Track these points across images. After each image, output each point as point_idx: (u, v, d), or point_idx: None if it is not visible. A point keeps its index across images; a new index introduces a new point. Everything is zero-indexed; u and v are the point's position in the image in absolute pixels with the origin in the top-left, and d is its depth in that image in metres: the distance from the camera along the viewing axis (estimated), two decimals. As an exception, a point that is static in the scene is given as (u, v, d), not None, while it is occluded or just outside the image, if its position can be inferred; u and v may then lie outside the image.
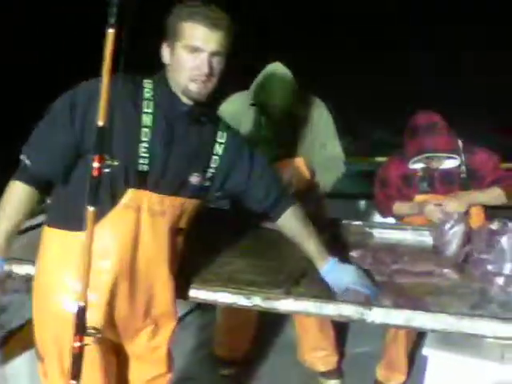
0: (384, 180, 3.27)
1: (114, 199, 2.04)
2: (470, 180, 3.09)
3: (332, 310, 2.19)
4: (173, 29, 2.00)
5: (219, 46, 1.99)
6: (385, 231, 3.02)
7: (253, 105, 3.17)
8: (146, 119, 2.04)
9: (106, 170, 1.70)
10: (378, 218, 3.48)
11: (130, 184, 2.05)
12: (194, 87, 2.02)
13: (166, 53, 2.06)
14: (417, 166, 3.13)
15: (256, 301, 2.27)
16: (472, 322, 2.07)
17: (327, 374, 3.47)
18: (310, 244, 2.34)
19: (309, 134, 3.22)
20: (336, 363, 3.49)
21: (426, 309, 2.17)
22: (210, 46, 1.97)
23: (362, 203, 4.42)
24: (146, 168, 2.05)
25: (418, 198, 3.14)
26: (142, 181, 2.06)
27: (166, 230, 2.13)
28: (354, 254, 2.70)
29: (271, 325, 3.91)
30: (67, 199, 2.10)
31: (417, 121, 3.08)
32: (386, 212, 3.28)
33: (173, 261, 2.21)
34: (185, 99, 2.08)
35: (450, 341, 2.53)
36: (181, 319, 3.88)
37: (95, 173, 1.69)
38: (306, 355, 3.46)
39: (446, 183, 3.11)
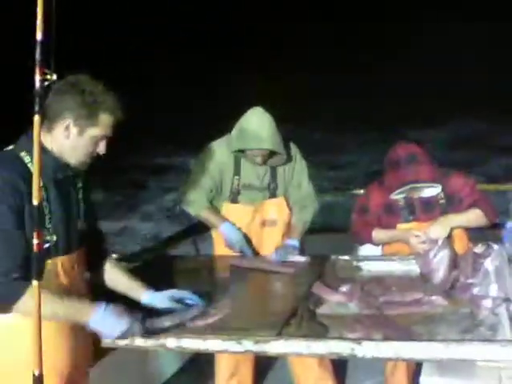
0: (364, 208, 3.29)
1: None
2: (448, 205, 3.12)
3: (322, 348, 2.19)
4: (86, 113, 2.12)
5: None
6: (372, 263, 3.03)
7: (236, 151, 3.25)
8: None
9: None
10: (362, 249, 3.50)
11: None
12: (85, 163, 2.22)
13: (71, 130, 2.13)
14: (398, 196, 3.16)
15: (247, 345, 2.27)
16: (461, 347, 2.08)
17: None
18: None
19: (285, 175, 3.38)
20: None
21: (414, 339, 2.17)
22: (111, 131, 2.21)
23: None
24: None
25: (402, 227, 3.16)
26: None
27: None
28: (342, 288, 2.70)
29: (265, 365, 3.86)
30: None
31: (398, 152, 3.12)
32: (364, 239, 3.29)
33: None
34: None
35: (447, 367, 2.51)
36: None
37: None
38: None
39: (428, 211, 3.14)
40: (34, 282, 1.76)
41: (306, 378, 3.37)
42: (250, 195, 3.36)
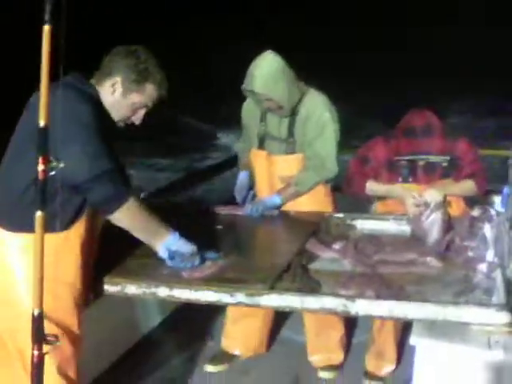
0: (365, 159, 3.23)
1: None
2: (450, 169, 3.10)
3: (314, 303, 2.18)
4: (135, 78, 2.27)
5: None
6: (366, 222, 3.01)
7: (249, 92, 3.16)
8: None
9: None
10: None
11: None
12: (121, 123, 2.35)
13: (116, 88, 2.28)
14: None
15: (239, 297, 2.25)
16: (456, 309, 2.08)
17: (326, 368, 3.42)
18: None
19: (302, 130, 3.18)
20: (339, 361, 3.45)
21: (408, 298, 2.16)
22: (152, 104, 2.36)
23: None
24: None
25: (400, 186, 3.12)
26: None
27: None
28: (336, 246, 2.68)
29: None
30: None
31: (413, 122, 3.08)
32: (357, 188, 3.24)
33: None
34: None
35: (437, 329, 2.51)
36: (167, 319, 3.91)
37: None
38: (311, 356, 3.44)
39: (429, 173, 3.10)
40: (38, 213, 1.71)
41: (316, 323, 3.36)
42: (273, 145, 3.25)
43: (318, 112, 3.15)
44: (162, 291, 2.33)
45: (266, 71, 3.02)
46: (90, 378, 2.94)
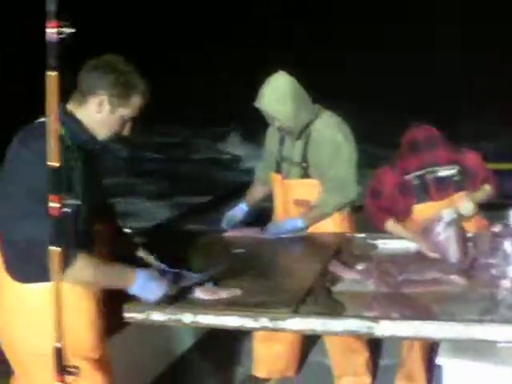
0: (377, 192, 3.21)
1: None
2: (464, 181, 3.09)
3: (338, 325, 2.17)
4: (121, 93, 2.18)
5: None
6: (387, 241, 3.00)
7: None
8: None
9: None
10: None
11: None
12: (108, 138, 2.26)
13: (104, 106, 2.18)
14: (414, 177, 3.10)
15: (263, 322, 2.26)
16: (482, 327, 2.05)
17: None
18: None
19: (317, 154, 3.18)
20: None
21: (433, 318, 2.15)
22: (138, 114, 2.27)
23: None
24: None
25: (417, 207, 3.10)
26: None
27: None
28: (359, 266, 2.68)
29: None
30: None
31: (415, 135, 3.07)
32: (377, 225, 3.20)
33: None
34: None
35: (464, 348, 2.49)
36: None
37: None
38: (338, 380, 3.40)
39: (442, 189, 3.08)
40: (55, 249, 1.75)
41: (339, 347, 3.32)
42: (288, 169, 3.26)
43: (330, 135, 3.16)
44: (187, 318, 2.34)
45: (275, 90, 3.06)
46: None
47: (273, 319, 2.24)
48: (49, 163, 1.77)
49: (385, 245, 2.99)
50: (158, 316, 2.37)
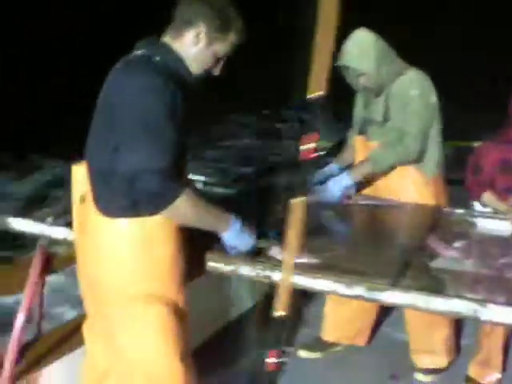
0: (477, 167, 3.07)
1: None
2: None
3: (442, 304, 2.05)
4: (220, 27, 2.11)
5: None
6: (487, 221, 2.84)
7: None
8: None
9: None
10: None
11: None
12: (200, 74, 2.17)
13: (201, 39, 2.11)
14: None
15: (358, 291, 2.16)
16: None
17: (427, 371, 3.28)
18: None
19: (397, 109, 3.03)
20: (443, 365, 3.31)
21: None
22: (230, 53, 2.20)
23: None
24: None
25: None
26: None
27: None
28: (456, 244, 2.54)
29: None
30: None
31: None
32: (475, 198, 3.11)
33: None
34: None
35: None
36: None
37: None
38: (414, 355, 3.31)
39: None
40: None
41: (421, 322, 3.22)
42: (372, 131, 3.14)
43: (406, 89, 3.00)
44: (277, 275, 2.27)
45: (357, 45, 2.97)
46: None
47: (370, 289, 2.14)
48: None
49: (485, 224, 2.83)
50: (246, 270, 2.31)
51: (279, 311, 1.93)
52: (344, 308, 3.35)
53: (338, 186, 3.02)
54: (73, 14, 8.88)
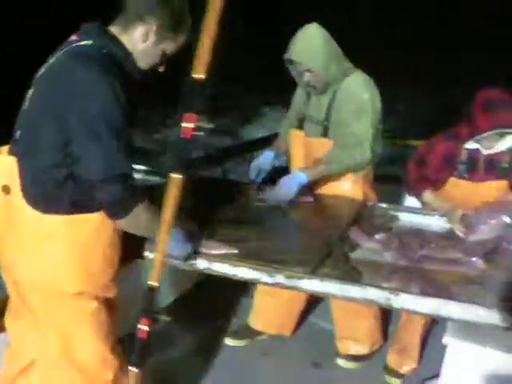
0: (423, 159, 3.09)
1: None
2: (508, 170, 2.97)
3: (357, 293, 2.13)
4: (171, 27, 2.07)
5: None
6: (410, 215, 2.94)
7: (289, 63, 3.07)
8: None
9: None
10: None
11: None
12: (146, 69, 2.15)
13: (150, 37, 2.07)
14: (474, 145, 2.96)
15: (279, 279, 2.22)
16: (503, 314, 2.01)
17: (349, 357, 3.38)
18: None
19: (343, 111, 3.05)
20: (365, 353, 3.40)
21: (454, 298, 2.10)
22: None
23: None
24: None
25: (453, 181, 3.00)
26: None
27: None
28: (379, 236, 2.63)
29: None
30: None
31: (490, 95, 2.87)
32: (416, 195, 3.12)
33: None
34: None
35: (470, 331, 2.47)
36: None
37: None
38: (338, 342, 3.40)
39: (487, 171, 2.96)
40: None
41: (345, 311, 3.30)
42: (311, 127, 3.17)
43: (358, 92, 3.02)
44: (201, 263, 2.30)
45: (307, 40, 2.96)
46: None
47: (289, 277, 2.20)
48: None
49: (407, 218, 2.93)
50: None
51: (152, 282, 1.94)
52: (271, 298, 3.41)
53: (292, 183, 3.01)
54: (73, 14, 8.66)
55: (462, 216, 2.79)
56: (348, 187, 3.15)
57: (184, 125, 1.65)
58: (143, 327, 1.77)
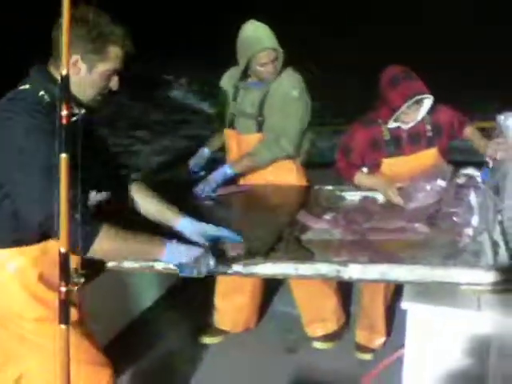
0: (348, 149, 3.21)
1: None
2: (434, 137, 3.12)
3: (308, 269, 2.24)
4: (93, 48, 2.02)
5: None
6: (355, 193, 3.07)
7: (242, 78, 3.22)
8: None
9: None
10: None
11: None
12: (96, 101, 2.11)
13: (80, 66, 2.03)
14: (395, 124, 3.10)
15: (236, 268, 2.30)
16: (446, 271, 2.14)
17: (322, 338, 3.48)
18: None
19: (273, 107, 3.19)
20: (334, 329, 3.50)
21: (400, 262, 2.23)
22: (122, 65, 2.09)
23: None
24: None
25: (387, 161, 3.12)
26: None
27: None
28: (326, 216, 2.74)
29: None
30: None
31: (393, 72, 3.03)
32: (346, 178, 3.24)
33: None
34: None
35: (427, 293, 2.58)
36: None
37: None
38: (307, 327, 3.50)
39: (414, 143, 3.10)
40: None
41: (307, 294, 3.39)
42: (243, 123, 3.27)
43: (286, 89, 3.17)
44: (159, 265, 2.37)
45: (265, 29, 3.10)
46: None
47: (245, 265, 2.29)
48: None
49: (352, 196, 3.05)
50: (131, 264, 2.35)
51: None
52: (233, 296, 3.50)
53: (218, 176, 3.17)
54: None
55: (398, 189, 2.90)
56: (289, 175, 3.29)
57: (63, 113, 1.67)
58: (62, 288, 1.74)
